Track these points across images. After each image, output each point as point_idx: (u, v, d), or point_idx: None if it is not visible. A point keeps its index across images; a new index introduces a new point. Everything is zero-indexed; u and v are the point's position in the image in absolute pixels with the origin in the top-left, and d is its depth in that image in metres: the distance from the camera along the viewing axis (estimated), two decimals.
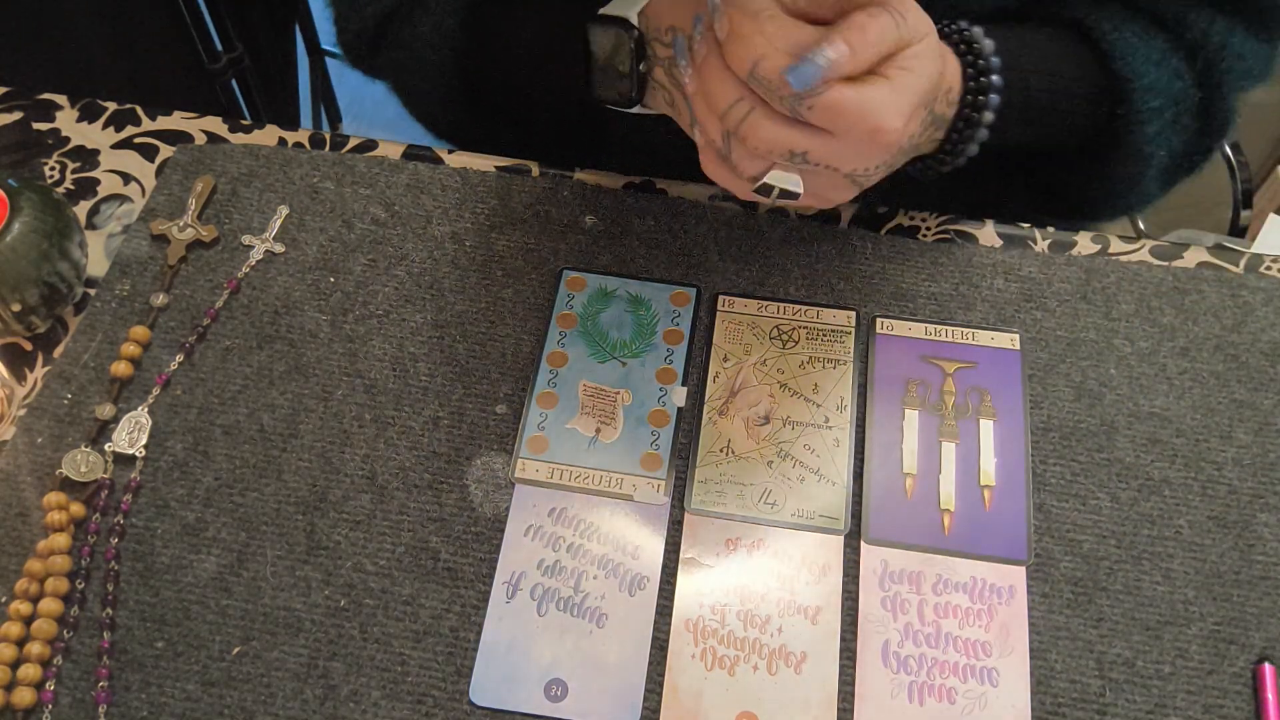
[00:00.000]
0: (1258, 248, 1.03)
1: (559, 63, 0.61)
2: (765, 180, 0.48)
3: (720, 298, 0.61)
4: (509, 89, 0.67)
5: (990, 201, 0.69)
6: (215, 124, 0.68)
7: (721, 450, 0.56)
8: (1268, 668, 0.50)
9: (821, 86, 0.43)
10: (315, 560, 0.53)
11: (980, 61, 0.52)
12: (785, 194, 0.48)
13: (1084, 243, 0.63)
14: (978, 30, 0.53)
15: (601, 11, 0.52)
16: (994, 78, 0.52)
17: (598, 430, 0.57)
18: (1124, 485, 0.55)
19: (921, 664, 0.50)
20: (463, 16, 0.64)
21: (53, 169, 0.66)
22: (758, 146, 0.46)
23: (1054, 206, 0.67)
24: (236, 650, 0.51)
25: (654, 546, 0.53)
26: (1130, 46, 0.58)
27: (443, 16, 0.64)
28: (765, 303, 0.61)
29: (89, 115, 0.69)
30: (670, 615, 0.51)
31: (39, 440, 0.56)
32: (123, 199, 0.65)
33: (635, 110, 0.54)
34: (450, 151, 0.67)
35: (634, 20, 0.51)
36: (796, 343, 0.59)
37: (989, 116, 0.53)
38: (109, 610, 0.51)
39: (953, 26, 0.54)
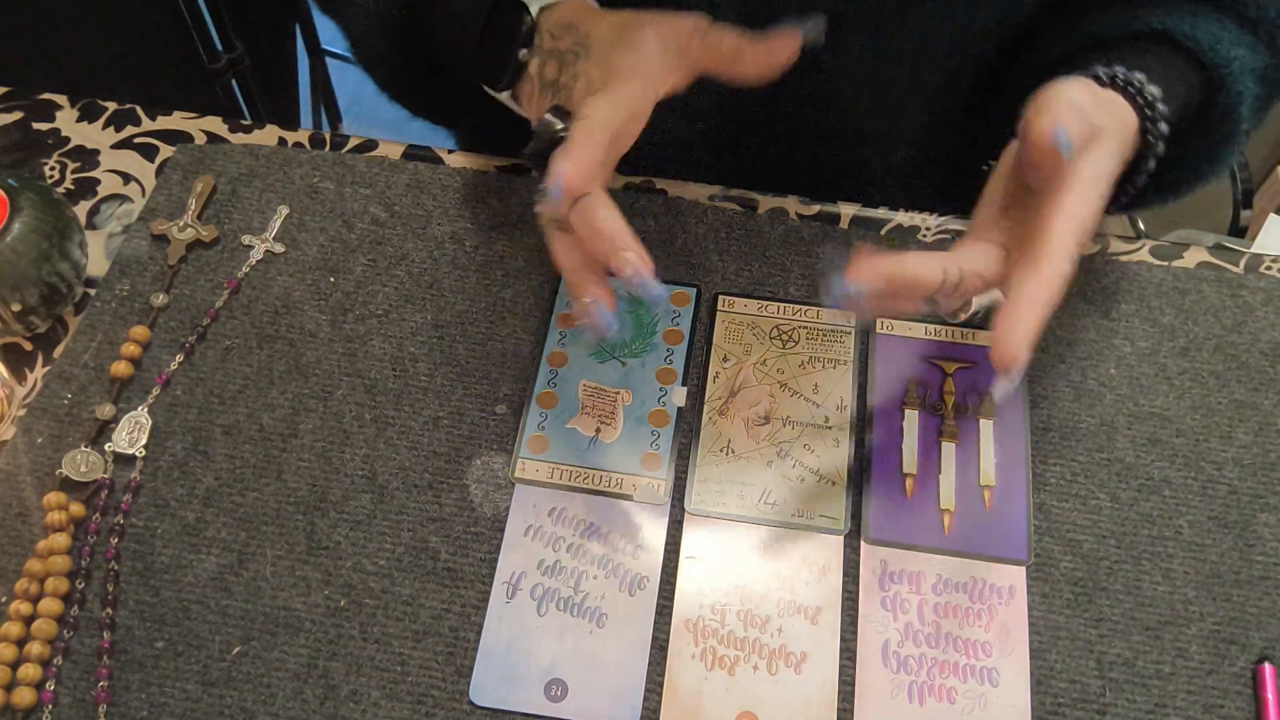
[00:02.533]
0: (1258, 248, 1.03)
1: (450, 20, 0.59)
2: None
3: (720, 298, 0.61)
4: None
5: None
6: (215, 124, 0.68)
7: (721, 450, 0.56)
8: (1268, 668, 0.50)
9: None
10: (315, 560, 0.53)
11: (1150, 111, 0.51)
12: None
13: None
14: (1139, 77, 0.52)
15: None
16: (1162, 125, 0.51)
17: (598, 430, 0.57)
18: (1124, 485, 0.55)
19: (921, 664, 0.50)
20: None
21: (53, 169, 0.66)
22: None
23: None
24: (236, 650, 0.51)
25: (654, 546, 0.53)
26: (1214, 36, 0.56)
27: None
28: (765, 303, 0.61)
29: (89, 115, 0.69)
30: (670, 615, 0.51)
31: (39, 440, 0.56)
32: (123, 199, 0.65)
33: (500, 96, 0.55)
34: (450, 151, 0.67)
35: (533, 10, 0.53)
36: (796, 343, 0.59)
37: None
38: (109, 610, 0.51)
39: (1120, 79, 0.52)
